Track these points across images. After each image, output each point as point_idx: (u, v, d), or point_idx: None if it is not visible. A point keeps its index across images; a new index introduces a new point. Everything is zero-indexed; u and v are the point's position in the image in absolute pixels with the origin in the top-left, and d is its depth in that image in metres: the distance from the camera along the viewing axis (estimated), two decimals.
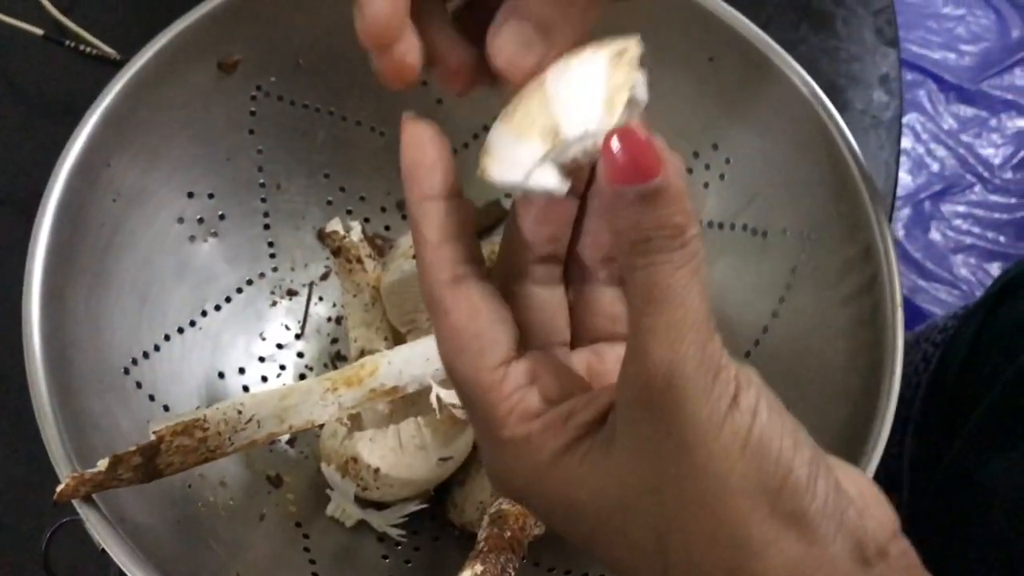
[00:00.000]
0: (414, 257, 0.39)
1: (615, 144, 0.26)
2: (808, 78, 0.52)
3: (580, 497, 0.28)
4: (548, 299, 0.32)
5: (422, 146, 0.29)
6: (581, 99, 0.28)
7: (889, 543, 0.27)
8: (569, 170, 0.29)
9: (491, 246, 0.59)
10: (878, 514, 0.27)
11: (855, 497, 0.27)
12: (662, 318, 0.25)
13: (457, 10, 0.32)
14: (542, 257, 0.31)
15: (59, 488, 0.40)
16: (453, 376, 0.30)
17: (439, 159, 0.29)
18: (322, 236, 0.55)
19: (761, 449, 0.25)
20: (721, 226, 0.57)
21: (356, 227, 0.50)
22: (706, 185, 0.58)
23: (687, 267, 0.26)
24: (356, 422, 0.52)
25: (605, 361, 0.32)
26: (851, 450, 0.45)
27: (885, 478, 0.67)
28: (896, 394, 0.46)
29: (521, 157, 0.28)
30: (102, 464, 0.41)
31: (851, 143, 0.50)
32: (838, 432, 0.48)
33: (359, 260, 0.50)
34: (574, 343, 0.33)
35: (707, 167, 0.57)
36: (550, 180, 0.28)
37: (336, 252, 0.50)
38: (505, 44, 0.30)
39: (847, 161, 0.50)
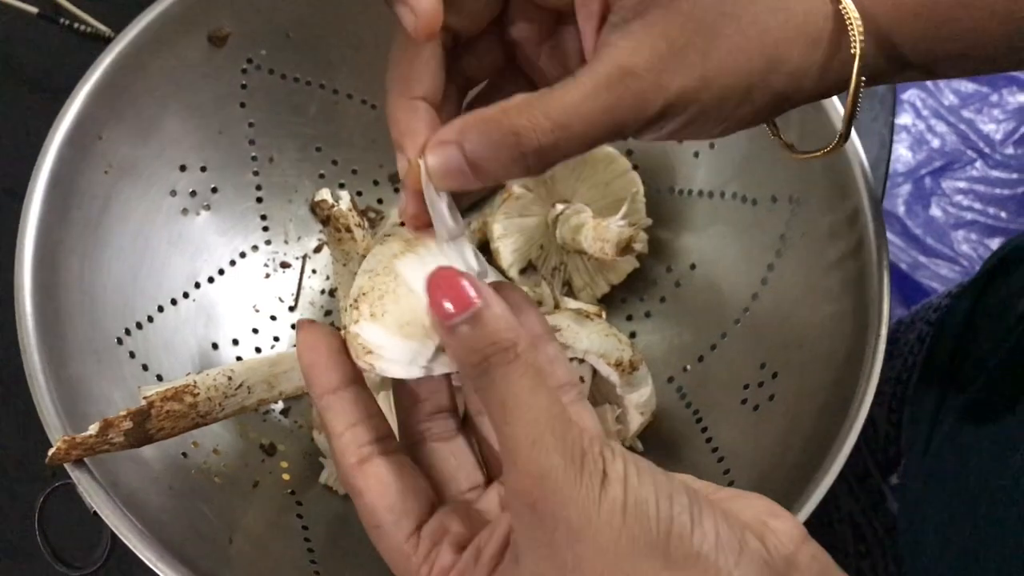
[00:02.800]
0: (401, 224, 0.39)
1: (435, 290, 0.30)
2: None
3: None
4: (449, 452, 0.35)
5: (316, 347, 0.33)
6: None
7: (797, 552, 0.28)
8: None
9: (482, 218, 0.60)
10: (780, 527, 0.29)
11: (751, 521, 0.28)
12: (519, 425, 0.28)
13: None
14: (431, 413, 0.35)
15: (51, 451, 0.40)
16: (377, 548, 0.32)
17: (332, 357, 0.33)
18: (313, 207, 0.55)
19: (639, 510, 0.27)
20: (712, 194, 0.57)
21: (345, 196, 0.50)
22: (696, 154, 0.58)
23: (527, 375, 0.29)
24: None
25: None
26: (836, 414, 0.46)
27: (884, 460, 0.67)
28: (882, 357, 0.46)
29: (415, 354, 0.33)
30: (93, 428, 0.41)
31: (838, 108, 0.50)
32: (824, 396, 0.48)
33: (348, 229, 0.50)
34: (492, 478, 0.36)
35: None
36: (446, 365, 0.33)
37: (325, 221, 0.50)
38: None
39: (835, 127, 0.50)
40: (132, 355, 0.51)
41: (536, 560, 0.28)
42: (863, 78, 0.35)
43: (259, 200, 0.59)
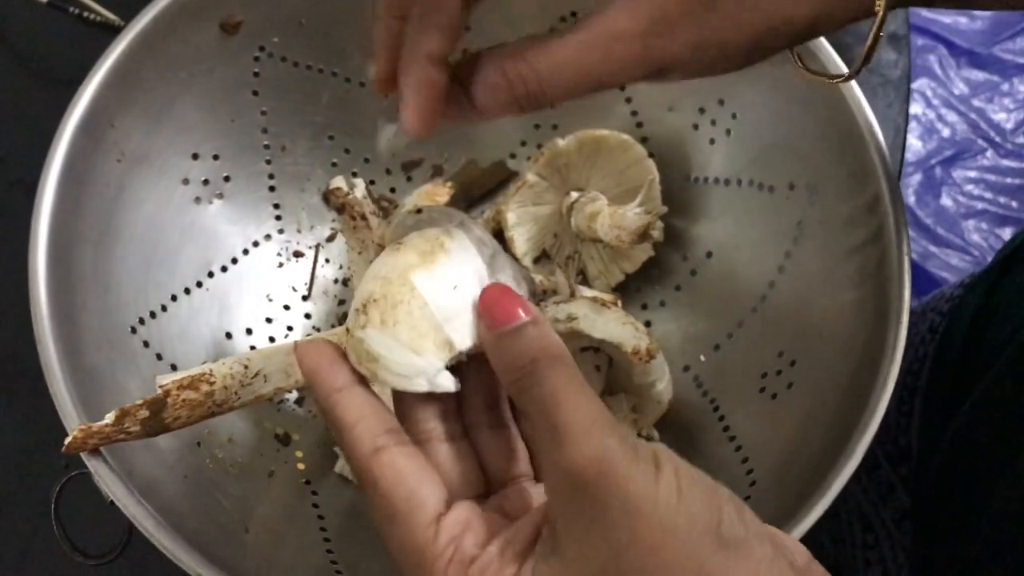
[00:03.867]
0: (418, 212, 0.39)
1: (489, 297, 0.32)
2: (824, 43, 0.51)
3: None
4: (456, 454, 0.35)
5: (317, 351, 0.34)
6: (462, 310, 0.34)
7: (811, 564, 0.30)
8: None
9: (495, 207, 0.59)
10: (791, 544, 0.30)
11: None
12: (573, 412, 0.29)
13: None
14: (435, 414, 0.35)
15: (67, 440, 0.40)
16: (388, 543, 0.32)
17: (334, 363, 0.34)
18: (327, 195, 0.55)
19: (692, 495, 0.28)
20: (728, 182, 0.57)
21: (360, 184, 0.50)
22: (712, 141, 0.58)
23: (575, 380, 0.30)
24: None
25: (512, 503, 0.35)
26: (855, 402, 0.45)
27: (894, 450, 0.67)
28: (903, 344, 0.46)
29: (422, 368, 0.33)
30: (109, 417, 0.41)
31: (856, 95, 0.50)
32: (843, 386, 0.48)
33: (363, 217, 0.50)
34: (490, 491, 0.36)
35: (713, 123, 0.57)
36: (449, 383, 0.33)
37: (340, 209, 0.50)
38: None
39: (852, 113, 0.50)
40: (146, 344, 0.50)
41: (584, 542, 0.28)
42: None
43: (272, 189, 0.59)
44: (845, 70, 0.40)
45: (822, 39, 0.51)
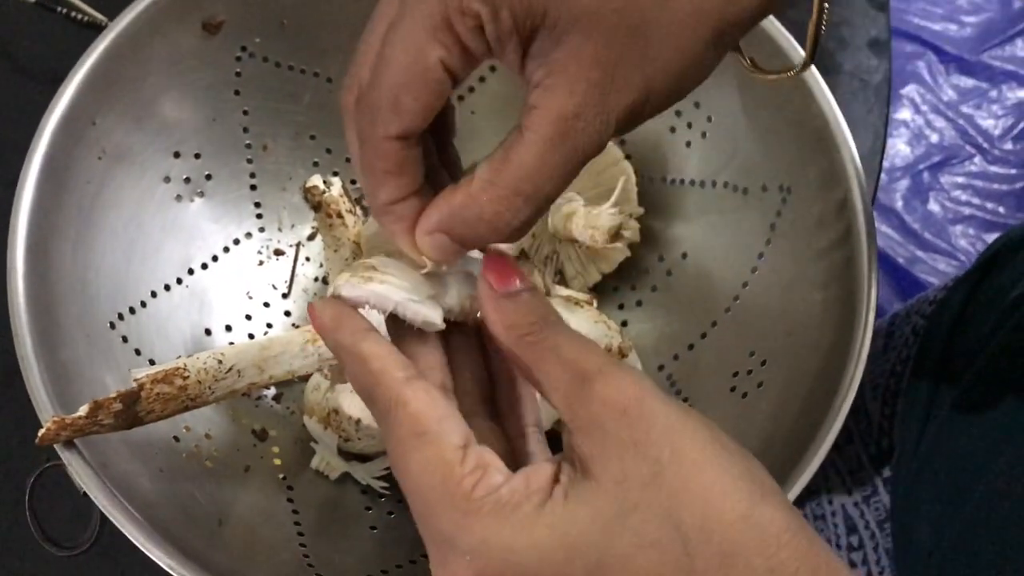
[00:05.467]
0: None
1: (493, 262, 0.33)
2: (787, 34, 0.52)
3: (580, 528, 0.29)
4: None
5: (336, 302, 0.34)
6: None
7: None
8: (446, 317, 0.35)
9: None
10: None
11: None
12: (599, 359, 0.30)
13: None
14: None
15: (41, 431, 0.41)
16: (406, 461, 0.31)
17: (355, 310, 0.34)
18: (305, 193, 0.56)
19: (722, 437, 0.30)
20: (703, 184, 0.58)
21: (336, 182, 0.51)
22: (688, 144, 0.58)
23: (578, 337, 0.32)
24: (338, 375, 0.52)
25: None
26: (822, 402, 0.46)
27: (877, 452, 0.67)
28: (868, 346, 0.46)
29: (420, 281, 0.35)
30: (83, 409, 0.41)
31: (827, 97, 0.50)
32: (811, 383, 0.48)
33: (339, 215, 0.50)
34: None
35: (689, 126, 0.58)
36: (434, 314, 0.35)
37: (317, 207, 0.50)
38: None
39: (823, 114, 0.50)
40: (125, 340, 0.51)
41: (623, 462, 0.29)
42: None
43: (253, 187, 0.60)
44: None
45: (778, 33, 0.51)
